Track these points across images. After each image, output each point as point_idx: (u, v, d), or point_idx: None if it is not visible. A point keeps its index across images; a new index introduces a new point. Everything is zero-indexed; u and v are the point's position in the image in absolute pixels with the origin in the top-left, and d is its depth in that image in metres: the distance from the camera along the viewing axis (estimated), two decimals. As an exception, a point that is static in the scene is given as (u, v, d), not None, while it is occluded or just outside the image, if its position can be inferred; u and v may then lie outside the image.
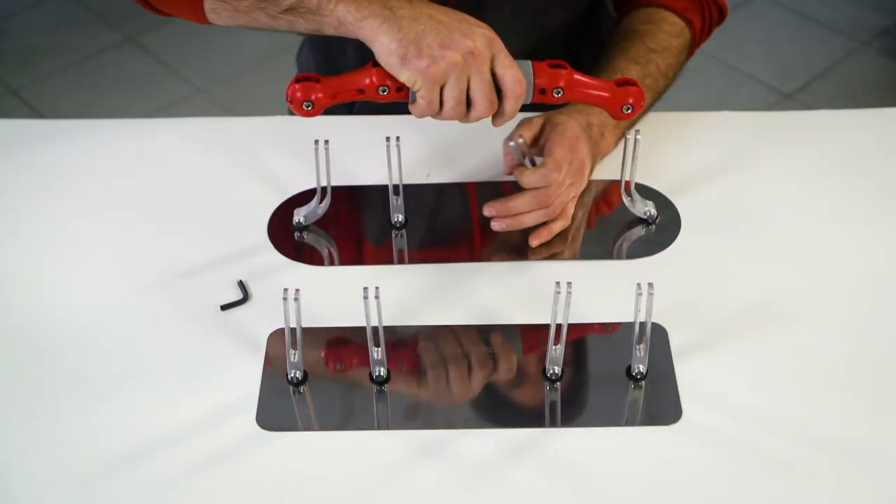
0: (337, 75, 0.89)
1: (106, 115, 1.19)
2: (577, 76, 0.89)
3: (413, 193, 1.03)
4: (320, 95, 0.88)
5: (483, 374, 0.87)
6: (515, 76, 0.86)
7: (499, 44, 0.86)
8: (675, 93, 1.01)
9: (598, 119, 1.01)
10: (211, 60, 2.58)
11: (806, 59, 2.57)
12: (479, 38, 0.84)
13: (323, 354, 0.89)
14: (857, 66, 2.58)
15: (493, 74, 0.86)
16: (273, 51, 2.53)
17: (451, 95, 0.85)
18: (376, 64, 0.87)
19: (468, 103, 0.87)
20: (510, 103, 0.87)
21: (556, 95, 0.90)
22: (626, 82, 0.91)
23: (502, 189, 1.05)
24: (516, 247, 1.00)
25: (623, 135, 1.04)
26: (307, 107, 0.88)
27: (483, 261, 0.98)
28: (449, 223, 1.04)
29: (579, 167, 0.98)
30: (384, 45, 0.84)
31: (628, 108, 0.91)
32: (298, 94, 0.87)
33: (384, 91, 0.88)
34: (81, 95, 2.52)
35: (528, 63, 0.89)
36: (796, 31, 2.64)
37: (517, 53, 1.11)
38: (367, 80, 0.88)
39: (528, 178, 0.94)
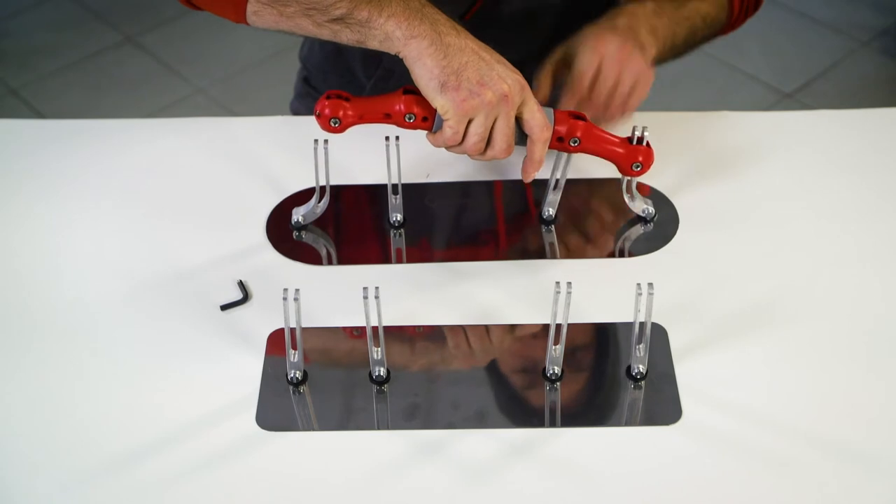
0: (367, 97, 0.91)
1: (106, 115, 1.19)
2: (594, 130, 0.93)
3: (412, 193, 1.03)
4: (349, 114, 0.90)
5: (482, 375, 0.87)
6: (542, 122, 0.89)
7: (529, 91, 0.88)
8: (676, 93, 1.01)
9: (625, 21, 1.03)
10: (211, 60, 2.58)
11: (806, 59, 2.57)
12: (513, 83, 0.87)
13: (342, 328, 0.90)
14: (857, 66, 2.58)
15: (520, 119, 0.89)
16: (273, 51, 2.53)
17: (477, 132, 0.88)
18: (406, 91, 0.89)
19: (488, 142, 0.89)
20: (538, 147, 0.90)
21: (572, 144, 0.94)
22: (639, 140, 0.95)
23: (493, 188, 1.06)
24: (515, 246, 1.00)
25: (664, 48, 1.06)
26: (334, 123, 0.90)
27: (481, 260, 0.98)
28: (447, 223, 1.04)
29: (620, 52, 0.98)
30: (427, 69, 0.85)
31: (637, 166, 0.95)
32: (327, 111, 0.89)
33: (411, 119, 0.90)
34: (81, 95, 2.52)
35: (551, 110, 0.93)
36: (796, 31, 2.64)
37: (530, 50, 1.12)
38: (397, 107, 0.90)
39: (569, 95, 1.00)
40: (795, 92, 2.49)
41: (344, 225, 1.03)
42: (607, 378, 0.86)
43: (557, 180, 0.98)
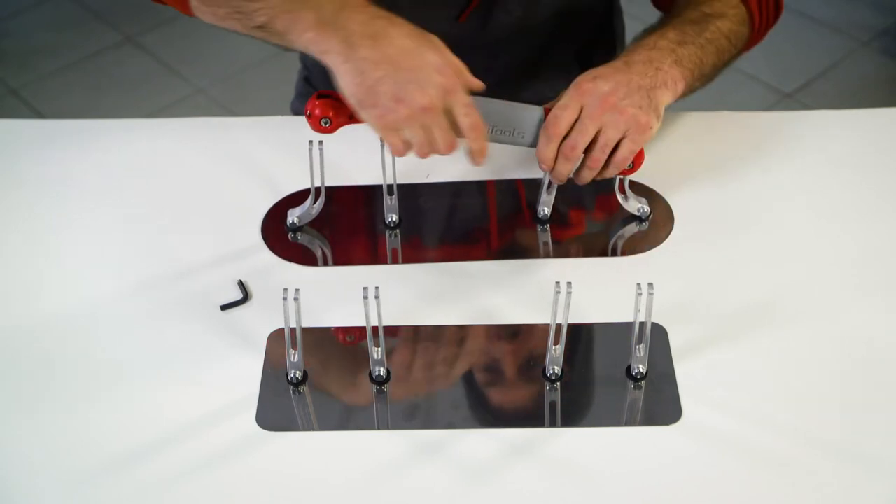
0: None
1: (106, 115, 1.19)
2: None
3: (407, 193, 1.03)
4: (340, 113, 0.90)
5: (482, 375, 0.87)
6: (471, 124, 0.85)
7: (457, 92, 0.84)
8: (675, 92, 1.01)
9: (644, 55, 0.96)
10: (211, 60, 2.58)
11: (806, 59, 2.57)
12: (434, 89, 0.82)
13: (332, 330, 0.89)
14: (857, 66, 2.58)
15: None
16: (273, 51, 2.52)
17: (413, 141, 0.85)
18: None
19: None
20: (474, 145, 0.87)
21: None
22: None
23: (488, 188, 1.06)
24: (510, 246, 1.00)
25: (693, 77, 0.98)
26: (325, 123, 0.90)
27: (477, 259, 0.98)
28: (443, 223, 1.04)
29: (602, 103, 0.91)
30: (344, 85, 0.84)
31: (629, 165, 0.94)
32: (317, 111, 0.90)
33: None
34: (81, 95, 2.52)
35: (541, 109, 0.92)
36: (796, 31, 2.64)
37: (527, 56, 1.10)
38: None
39: (540, 144, 0.93)
40: (795, 92, 2.49)
41: (339, 226, 1.03)
42: (607, 378, 0.86)
43: (550, 181, 0.98)
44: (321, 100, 0.90)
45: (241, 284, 0.94)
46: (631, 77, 0.93)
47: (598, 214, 1.04)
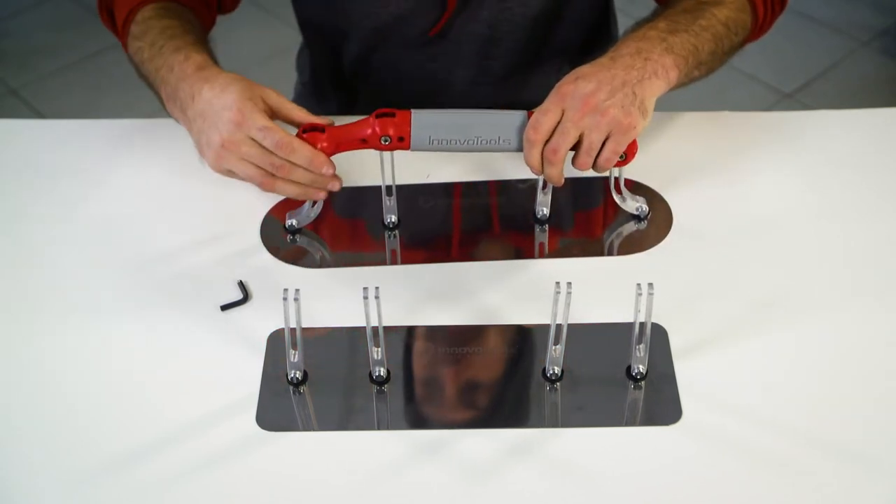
0: (342, 126, 0.94)
1: (106, 115, 1.19)
2: None
3: (406, 194, 1.03)
4: (325, 145, 0.93)
5: (482, 375, 0.87)
6: (274, 143, 0.91)
7: (248, 123, 0.91)
8: (675, 92, 1.01)
9: (632, 46, 0.95)
10: (211, 60, 2.57)
11: (806, 59, 2.57)
12: (224, 126, 0.91)
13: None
14: (857, 66, 2.58)
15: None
16: (273, 51, 2.53)
17: (242, 173, 0.93)
18: (379, 115, 0.92)
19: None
20: (298, 158, 0.91)
21: None
22: None
23: (487, 188, 1.06)
24: (509, 246, 1.00)
25: (687, 64, 0.97)
26: None
27: (476, 260, 0.98)
28: (442, 223, 1.04)
29: (583, 106, 0.90)
30: (194, 142, 0.96)
31: (622, 156, 0.93)
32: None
33: (386, 141, 0.92)
34: (81, 95, 2.52)
35: (524, 113, 0.92)
36: (796, 31, 2.64)
37: (523, 63, 1.11)
38: (370, 131, 0.92)
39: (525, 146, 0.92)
40: (795, 92, 2.49)
41: (338, 227, 1.03)
42: (607, 378, 0.86)
43: (545, 182, 0.98)
44: (307, 133, 0.93)
45: (241, 285, 0.94)
46: (615, 73, 0.91)
47: (597, 214, 1.04)
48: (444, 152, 0.94)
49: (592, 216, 1.04)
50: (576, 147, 0.92)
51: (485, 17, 1.13)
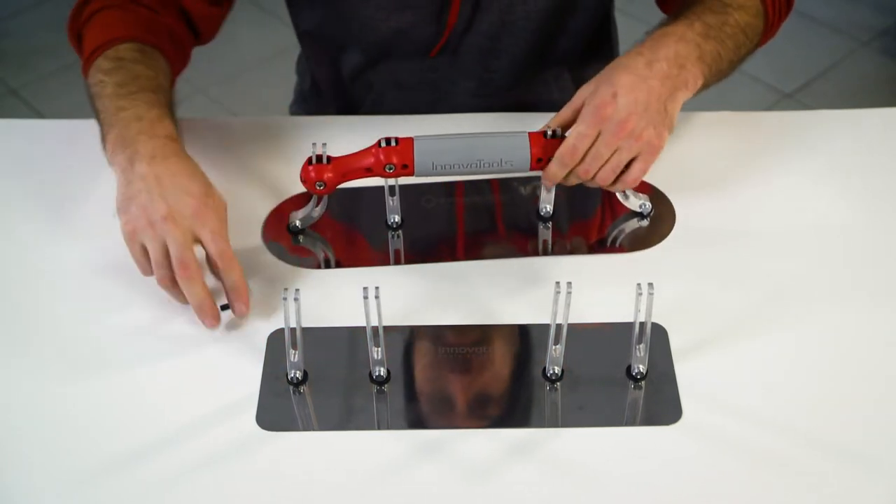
0: (346, 156, 0.94)
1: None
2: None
3: (409, 194, 1.03)
4: (330, 175, 0.93)
5: (482, 375, 0.87)
6: (218, 251, 0.89)
7: (203, 219, 0.89)
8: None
9: (671, 50, 0.94)
10: (211, 60, 2.56)
11: (806, 59, 2.57)
12: (180, 204, 0.88)
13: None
14: (857, 66, 2.58)
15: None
16: (273, 51, 2.53)
17: (151, 249, 0.88)
18: (381, 143, 0.92)
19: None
20: (226, 277, 0.89)
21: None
22: None
23: (489, 186, 1.06)
24: (512, 244, 1.00)
25: (712, 74, 0.97)
26: (320, 186, 0.94)
27: (480, 259, 0.98)
28: (445, 223, 1.04)
29: (618, 131, 0.90)
30: (116, 194, 0.92)
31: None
32: (312, 175, 0.93)
33: (390, 169, 0.93)
34: (81, 95, 2.50)
35: (525, 134, 0.92)
36: (796, 31, 2.64)
37: (524, 72, 1.10)
38: (373, 160, 0.93)
39: (550, 166, 0.92)
40: (795, 92, 2.49)
41: (342, 228, 1.03)
42: (607, 378, 0.86)
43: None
44: (313, 165, 0.93)
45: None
46: (651, 86, 0.91)
47: (601, 211, 1.04)
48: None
49: (596, 213, 1.04)
50: None
51: (486, 30, 1.13)
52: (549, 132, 0.92)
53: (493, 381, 0.87)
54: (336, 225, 1.03)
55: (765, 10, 1.06)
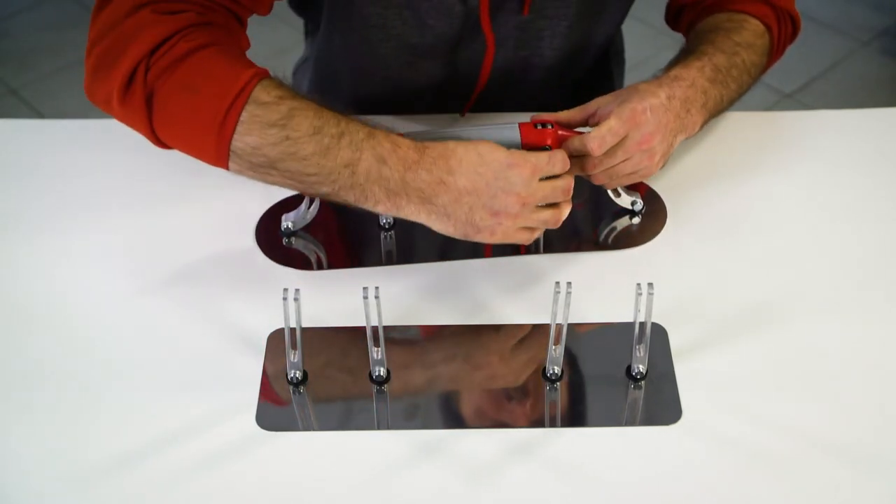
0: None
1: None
2: (561, 132, 0.92)
3: None
4: None
5: (481, 375, 0.87)
6: (562, 159, 0.88)
7: (529, 164, 0.86)
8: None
9: (683, 92, 0.97)
10: (211, 60, 2.57)
11: (806, 59, 2.57)
12: (516, 181, 0.85)
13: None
14: (857, 66, 2.58)
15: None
16: (273, 51, 2.53)
17: (539, 225, 0.89)
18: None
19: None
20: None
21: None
22: None
23: None
24: (504, 243, 1.00)
25: (710, 117, 1.02)
26: None
27: (472, 258, 0.98)
28: None
29: (641, 142, 0.92)
30: (443, 230, 0.88)
31: None
32: None
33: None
34: (81, 95, 2.51)
35: (515, 125, 0.92)
36: (796, 31, 2.64)
37: (557, 65, 1.09)
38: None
39: (571, 142, 0.92)
40: (795, 92, 2.49)
41: (334, 229, 1.03)
42: (607, 378, 0.86)
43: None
44: None
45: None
46: (669, 119, 0.94)
47: (592, 208, 1.04)
48: None
49: (587, 210, 1.04)
50: None
51: (508, 80, 1.13)
52: (539, 124, 0.92)
53: (492, 381, 0.87)
54: (328, 226, 1.03)
55: (771, 46, 1.09)
